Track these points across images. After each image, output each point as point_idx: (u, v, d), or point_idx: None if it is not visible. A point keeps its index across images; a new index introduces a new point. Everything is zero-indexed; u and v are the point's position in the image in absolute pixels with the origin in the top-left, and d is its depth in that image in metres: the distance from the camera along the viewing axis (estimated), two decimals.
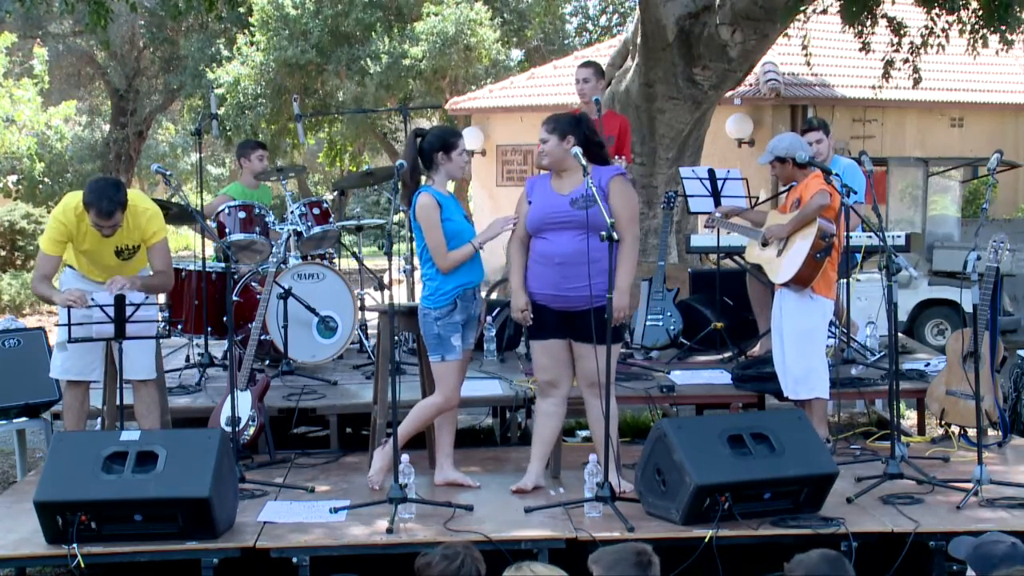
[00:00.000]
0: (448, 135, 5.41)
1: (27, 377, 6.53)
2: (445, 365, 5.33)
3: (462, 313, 5.32)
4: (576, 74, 7.38)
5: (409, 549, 4.52)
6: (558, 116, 5.33)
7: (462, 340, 5.35)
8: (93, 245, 5.71)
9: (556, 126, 5.26)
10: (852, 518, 4.87)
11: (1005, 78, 18.33)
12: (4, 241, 17.30)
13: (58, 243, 5.70)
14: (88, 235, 5.67)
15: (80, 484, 4.63)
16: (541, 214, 5.26)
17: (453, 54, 19.87)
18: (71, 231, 5.67)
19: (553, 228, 5.20)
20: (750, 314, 7.80)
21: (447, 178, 5.42)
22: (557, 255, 5.17)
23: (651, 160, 11.51)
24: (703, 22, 10.96)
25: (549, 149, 5.25)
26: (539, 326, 5.33)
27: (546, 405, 5.44)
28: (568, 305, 5.19)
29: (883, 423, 7.09)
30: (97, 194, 5.48)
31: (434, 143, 5.35)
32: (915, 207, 11.58)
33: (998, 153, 6.64)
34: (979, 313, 5.78)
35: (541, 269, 5.25)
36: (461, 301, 5.31)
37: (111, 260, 5.77)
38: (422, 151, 5.37)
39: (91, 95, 29.06)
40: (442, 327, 5.29)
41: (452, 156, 5.35)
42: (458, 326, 5.31)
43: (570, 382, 5.43)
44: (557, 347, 5.32)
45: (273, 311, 7.10)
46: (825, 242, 5.94)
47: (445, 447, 5.56)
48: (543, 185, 5.36)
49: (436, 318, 5.30)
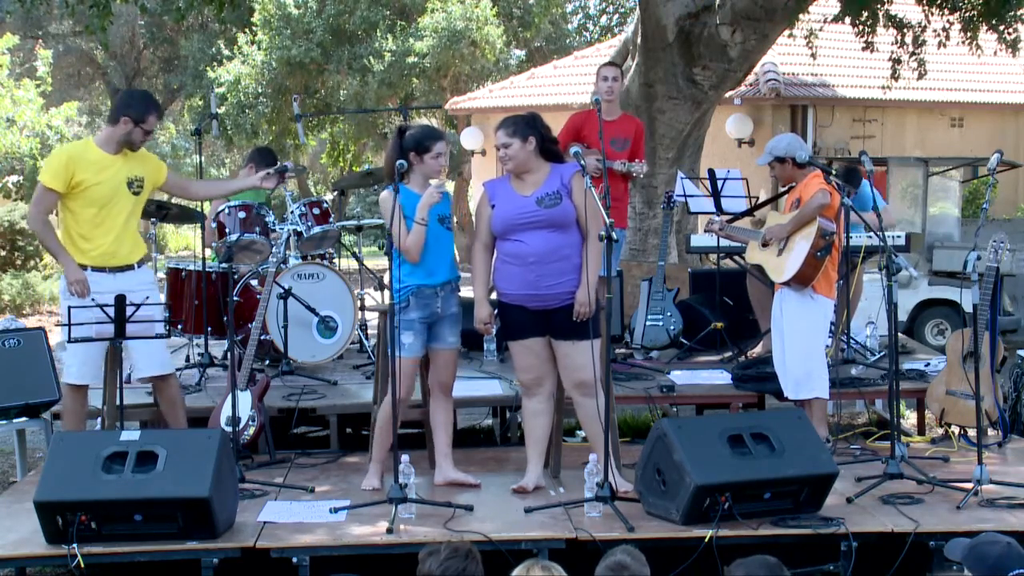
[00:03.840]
0: (424, 137, 5.40)
1: (27, 377, 6.53)
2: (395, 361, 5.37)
3: (419, 311, 5.32)
4: (602, 72, 7.37)
5: (409, 549, 4.51)
6: (514, 118, 5.33)
7: (422, 339, 5.34)
8: (110, 179, 5.66)
9: (517, 129, 5.26)
10: (852, 518, 4.87)
11: (1005, 78, 18.34)
12: (4, 241, 17.28)
13: (60, 177, 5.59)
14: (103, 169, 5.64)
15: (80, 484, 4.63)
16: (507, 216, 5.25)
17: (462, 47, 19.85)
18: (76, 169, 5.59)
19: (522, 229, 5.20)
20: (750, 314, 7.81)
21: (422, 178, 5.41)
22: (530, 255, 5.17)
23: (651, 160, 11.46)
24: (703, 22, 10.96)
25: (513, 153, 5.25)
26: (517, 326, 5.32)
27: (533, 404, 5.44)
28: (545, 304, 5.20)
29: (883, 423, 7.08)
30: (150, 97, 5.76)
31: (409, 143, 5.37)
32: (915, 207, 11.58)
33: (998, 153, 6.64)
34: (979, 313, 5.78)
35: (514, 269, 5.25)
36: (416, 299, 5.31)
37: (126, 195, 5.71)
38: (402, 150, 5.38)
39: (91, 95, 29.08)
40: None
41: (425, 159, 5.36)
42: (413, 323, 5.31)
43: (554, 378, 5.42)
44: (538, 345, 5.32)
45: (273, 311, 7.10)
46: (825, 241, 5.95)
47: (442, 447, 5.56)
48: (503, 188, 5.36)
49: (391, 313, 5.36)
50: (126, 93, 5.79)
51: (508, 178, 5.38)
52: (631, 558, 3.65)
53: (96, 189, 5.66)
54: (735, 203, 7.82)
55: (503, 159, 5.30)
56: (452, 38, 19.80)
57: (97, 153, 5.71)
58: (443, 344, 5.44)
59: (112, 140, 5.74)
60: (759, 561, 3.57)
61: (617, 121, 7.34)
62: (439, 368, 5.49)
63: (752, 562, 3.57)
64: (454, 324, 5.46)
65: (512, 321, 5.33)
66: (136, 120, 5.69)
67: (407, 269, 5.30)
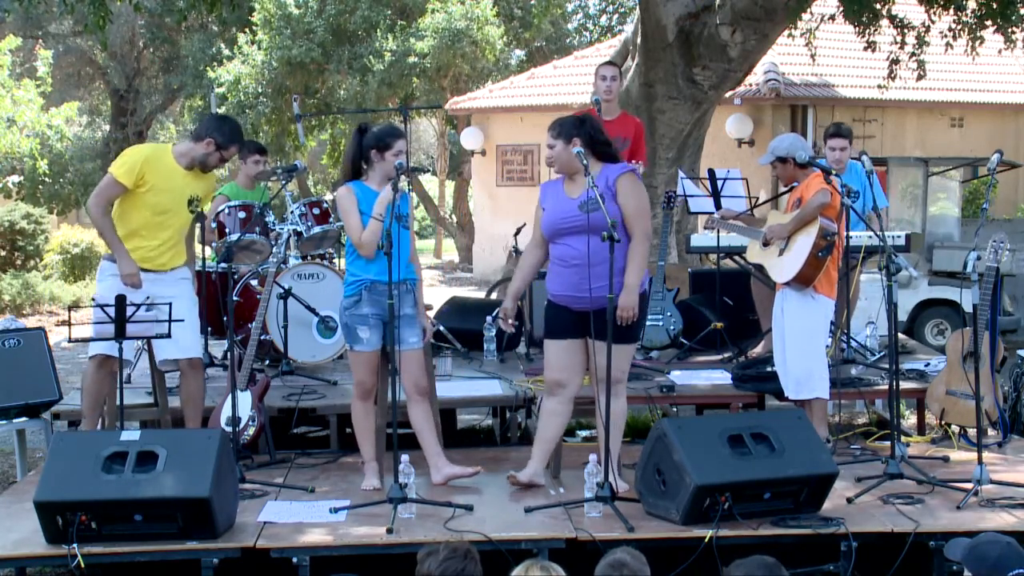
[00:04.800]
0: (386, 135, 5.45)
1: (27, 377, 6.53)
2: (353, 355, 5.45)
3: (371, 306, 5.36)
4: (600, 71, 7.37)
5: (409, 549, 4.51)
6: (562, 120, 5.32)
7: (379, 333, 5.39)
8: (176, 191, 5.72)
9: (561, 130, 5.26)
10: (852, 518, 4.87)
11: (1005, 78, 18.34)
12: (4, 241, 17.30)
13: (132, 173, 5.64)
14: (173, 178, 5.71)
15: (80, 484, 4.62)
16: (554, 220, 5.27)
17: (464, 46, 19.84)
18: (149, 170, 5.66)
19: (567, 233, 5.21)
20: (750, 314, 7.81)
21: (382, 177, 5.42)
22: (574, 257, 5.17)
23: (651, 160, 11.48)
24: (703, 22, 10.96)
25: (556, 154, 5.25)
26: (558, 326, 5.33)
27: (552, 404, 5.44)
28: (587, 306, 5.17)
29: (883, 423, 7.09)
30: (239, 129, 5.95)
31: (371, 140, 5.43)
32: (915, 207, 11.58)
33: (998, 153, 6.64)
34: (979, 313, 5.78)
35: (561, 271, 5.27)
36: (368, 294, 5.35)
37: (184, 211, 5.78)
38: (364, 147, 5.43)
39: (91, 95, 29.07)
40: (348, 317, 5.41)
41: (386, 156, 5.39)
42: (366, 318, 5.36)
43: (579, 383, 5.43)
44: (574, 347, 5.33)
45: (273, 311, 7.10)
46: (827, 241, 5.94)
47: (431, 447, 5.55)
48: (556, 190, 5.37)
49: (344, 307, 5.42)
50: (219, 118, 5.93)
51: (563, 179, 5.38)
52: (631, 557, 3.66)
53: (159, 195, 5.73)
54: (735, 203, 7.81)
55: (549, 160, 5.30)
56: (453, 38, 19.80)
57: (172, 162, 5.78)
58: (405, 345, 5.41)
59: (188, 155, 5.82)
60: (757, 561, 3.57)
61: (616, 120, 7.34)
62: (406, 370, 5.46)
63: (750, 562, 3.57)
64: (411, 324, 5.47)
65: (554, 320, 5.34)
66: (220, 146, 5.80)
67: (362, 264, 5.35)
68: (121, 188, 5.68)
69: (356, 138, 5.47)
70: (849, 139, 7.43)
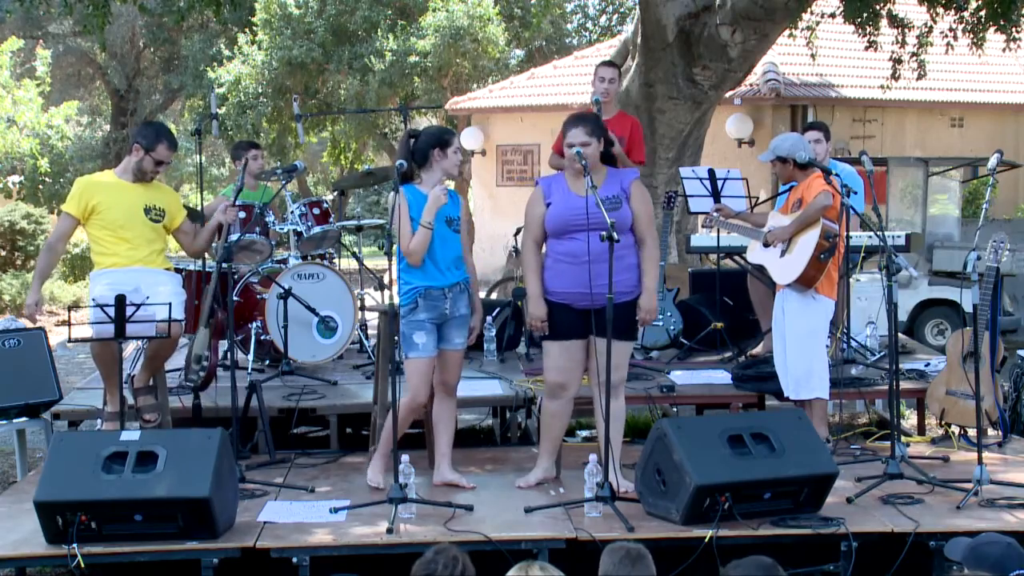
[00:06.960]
0: (444, 132, 5.49)
1: (27, 377, 6.53)
2: (408, 362, 5.36)
3: (428, 312, 5.32)
4: (599, 72, 7.36)
5: (409, 549, 4.52)
6: (589, 118, 5.33)
7: (434, 338, 5.35)
8: (125, 204, 5.83)
9: (595, 129, 5.27)
10: (852, 518, 4.87)
11: (1005, 78, 18.35)
12: (4, 241, 17.29)
13: (74, 201, 5.83)
14: (119, 193, 5.83)
15: (80, 484, 4.62)
16: (565, 215, 5.25)
17: (466, 43, 19.83)
18: (92, 193, 5.83)
19: (580, 228, 5.18)
20: (750, 314, 7.80)
21: (442, 175, 5.41)
22: (585, 253, 5.15)
23: (651, 160, 11.48)
24: (703, 22, 10.95)
25: (591, 152, 5.23)
26: (561, 327, 5.30)
27: (554, 406, 5.45)
28: (594, 302, 5.15)
29: (883, 423, 7.09)
30: (164, 128, 5.95)
31: (431, 140, 5.40)
32: (915, 207, 11.58)
33: (998, 153, 6.64)
34: (979, 313, 5.78)
35: (566, 267, 5.24)
36: (424, 300, 5.31)
37: (142, 221, 5.88)
38: (417, 149, 5.39)
39: (91, 95, 29.08)
40: (406, 324, 5.34)
41: (448, 152, 5.39)
42: (423, 324, 5.31)
43: (579, 384, 5.43)
44: (575, 348, 5.32)
45: (273, 311, 7.10)
46: (829, 242, 5.93)
47: (442, 447, 5.56)
48: (559, 186, 5.34)
49: (402, 315, 5.36)
50: (144, 124, 6.15)
51: (563, 176, 5.37)
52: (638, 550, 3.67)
53: (111, 212, 5.85)
54: (735, 203, 7.80)
55: (576, 155, 5.18)
56: (455, 35, 19.79)
57: (114, 179, 5.96)
58: (449, 345, 5.43)
59: (127, 169, 5.97)
60: (754, 562, 3.57)
61: (614, 119, 7.33)
62: (445, 368, 5.48)
63: (747, 563, 3.57)
64: (462, 325, 5.46)
65: (556, 320, 5.31)
66: (147, 148, 5.85)
67: (415, 270, 5.31)
68: (70, 219, 5.92)
69: (405, 142, 5.44)
70: (825, 133, 7.33)
